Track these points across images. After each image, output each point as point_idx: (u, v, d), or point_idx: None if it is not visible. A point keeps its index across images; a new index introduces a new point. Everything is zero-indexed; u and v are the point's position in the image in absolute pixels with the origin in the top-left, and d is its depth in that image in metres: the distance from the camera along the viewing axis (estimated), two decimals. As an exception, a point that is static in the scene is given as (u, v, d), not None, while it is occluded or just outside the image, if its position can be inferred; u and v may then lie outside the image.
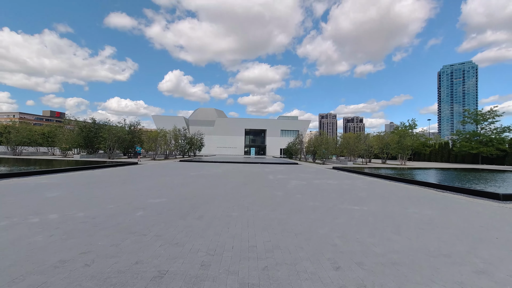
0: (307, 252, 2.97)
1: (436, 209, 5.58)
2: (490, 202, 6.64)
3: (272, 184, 9.40)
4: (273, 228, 3.89)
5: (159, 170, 14.19)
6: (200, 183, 9.15)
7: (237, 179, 10.77)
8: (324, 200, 6.39)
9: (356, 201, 6.36)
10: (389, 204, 6.01)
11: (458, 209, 5.65)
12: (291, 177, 12.10)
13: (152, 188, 7.64)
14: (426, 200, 6.69)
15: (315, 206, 5.63)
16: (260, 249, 3.04)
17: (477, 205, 6.15)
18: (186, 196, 6.40)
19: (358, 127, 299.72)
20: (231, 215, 4.65)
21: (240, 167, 18.11)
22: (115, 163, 18.22)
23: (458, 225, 4.34)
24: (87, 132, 29.08)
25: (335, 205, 5.80)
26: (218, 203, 5.71)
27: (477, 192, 7.61)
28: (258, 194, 7.08)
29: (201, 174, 12.55)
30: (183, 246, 3.06)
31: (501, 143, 34.41)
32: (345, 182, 10.40)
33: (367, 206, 5.77)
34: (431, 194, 7.78)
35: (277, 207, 5.39)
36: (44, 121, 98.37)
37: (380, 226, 4.12)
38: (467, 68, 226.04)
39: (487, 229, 4.09)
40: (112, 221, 4.02)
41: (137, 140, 30.53)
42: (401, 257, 2.88)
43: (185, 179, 10.30)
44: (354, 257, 2.87)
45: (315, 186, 9.08)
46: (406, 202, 6.40)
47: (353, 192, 7.88)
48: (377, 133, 37.62)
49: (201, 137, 46.25)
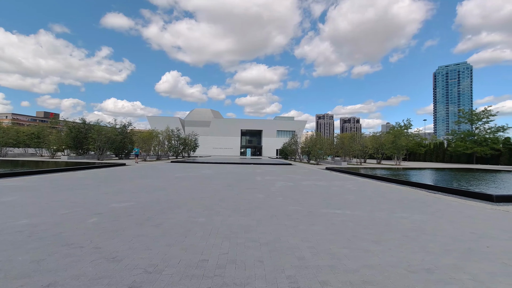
0: (266, 268, 2.50)
1: (426, 213, 5.15)
2: (483, 204, 6.24)
3: (258, 185, 8.93)
4: (237, 237, 3.42)
5: (145, 172, 13.65)
6: (182, 185, 8.66)
7: (223, 180, 10.29)
8: (307, 203, 5.94)
9: (341, 204, 5.91)
10: (376, 208, 5.58)
11: (449, 213, 5.23)
12: (280, 178, 11.64)
13: (126, 191, 7.13)
14: (417, 203, 6.27)
15: (294, 210, 5.17)
16: (211, 264, 2.57)
17: (469, 208, 5.74)
18: (159, 200, 5.90)
19: (355, 128, 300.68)
20: (196, 221, 4.17)
21: (231, 168, 17.62)
22: (102, 164, 17.64)
23: (447, 232, 3.91)
24: (76, 133, 28.41)
25: (317, 209, 5.34)
26: (190, 207, 5.23)
27: (470, 194, 7.21)
28: (238, 197, 6.61)
29: (187, 175, 12.04)
30: (120, 261, 2.58)
31: (495, 142, 34.32)
32: (334, 184, 9.97)
33: (352, 210, 5.33)
34: (423, 196, 7.37)
35: (252, 212, 4.92)
36: (37, 122, 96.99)
37: (360, 234, 3.67)
38: (462, 69, 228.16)
39: (478, 236, 3.66)
40: (54, 230, 3.52)
41: (128, 141, 29.87)
42: (375, 273, 2.43)
43: (168, 181, 9.80)
44: (319, 274, 2.41)
45: (302, 188, 8.63)
46: (396, 205, 5.97)
47: (340, 194, 7.44)
48: (372, 133, 37.40)
49: (195, 138, 45.73)
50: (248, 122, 75.90)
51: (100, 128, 26.19)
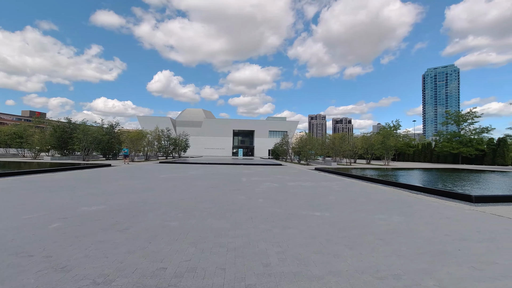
0: (226, 277, 2.36)
1: (405, 215, 5.12)
2: (463, 205, 6.28)
3: (242, 187, 8.78)
4: (206, 242, 3.26)
5: (130, 173, 13.29)
6: (163, 187, 8.42)
7: (208, 181, 10.09)
8: (288, 205, 5.83)
9: (323, 206, 5.83)
10: (357, 209, 5.52)
11: (428, 214, 5.21)
12: (267, 179, 11.52)
13: (103, 193, 6.86)
14: (398, 204, 6.25)
15: (273, 213, 5.04)
16: (168, 272, 2.41)
17: (448, 209, 5.75)
18: (134, 202, 5.68)
19: (347, 128, 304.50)
20: (168, 225, 3.99)
21: (220, 169, 17.40)
22: (87, 165, 17.13)
23: (423, 234, 3.86)
24: (61, 133, 27.59)
25: (297, 211, 5.24)
26: (165, 210, 5.04)
27: (451, 194, 7.27)
28: (219, 199, 6.44)
29: (173, 176, 11.78)
30: (69, 271, 2.38)
31: (479, 143, 35.27)
32: (321, 184, 9.92)
33: (332, 212, 5.25)
34: (405, 197, 7.39)
35: (229, 215, 4.77)
36: (23, 121, 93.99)
37: (335, 238, 3.58)
38: (450, 71, 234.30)
39: (452, 239, 3.62)
40: (7, 236, 3.28)
41: (116, 141, 29.19)
42: (339, 280, 2.32)
43: (151, 182, 9.53)
44: (281, 282, 2.28)
45: (286, 189, 8.53)
46: (377, 206, 5.93)
47: (325, 195, 7.37)
48: (362, 134, 37.83)
49: (186, 138, 45.20)
50: (240, 122, 75.62)
51: (86, 127, 25.47)
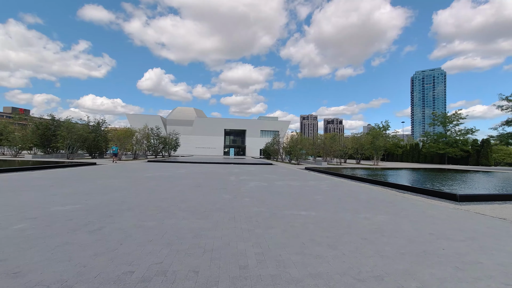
0: (198, 280, 2.19)
1: (390, 214, 5.08)
2: (447, 203, 6.33)
3: (229, 186, 8.60)
4: (182, 243, 3.07)
5: (113, 172, 12.87)
6: (147, 186, 8.14)
7: (193, 180, 9.85)
8: (273, 204, 5.70)
9: (308, 205, 5.73)
10: (343, 209, 5.44)
11: (413, 213, 5.19)
12: (255, 178, 11.38)
13: (80, 192, 6.53)
14: (384, 203, 6.23)
15: (257, 212, 4.90)
16: (135, 277, 2.21)
17: (433, 208, 5.77)
18: (112, 202, 5.41)
19: (338, 129, 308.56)
20: (143, 225, 3.77)
21: (208, 168, 17.14)
22: (70, 163, 16.50)
23: (407, 233, 3.80)
24: (44, 130, 26.56)
25: (281, 211, 5.11)
26: (144, 209, 4.80)
27: (436, 193, 7.33)
28: (202, 198, 6.24)
29: (157, 175, 11.46)
30: (23, 276, 2.16)
31: (465, 144, 36.36)
32: (309, 184, 9.86)
33: (317, 211, 5.15)
34: (392, 196, 7.40)
35: (211, 214, 4.59)
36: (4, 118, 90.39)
37: (318, 238, 3.46)
38: (437, 74, 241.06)
39: (436, 238, 3.57)
40: (-38, 239, 2.99)
41: (102, 139, 28.37)
42: (319, 283, 2.19)
43: (134, 181, 9.21)
44: (257, 286, 2.13)
45: (274, 188, 8.41)
46: (363, 205, 5.88)
47: (311, 195, 7.29)
48: (352, 134, 38.31)
49: (176, 137, 44.51)
50: (232, 122, 75.21)
51: (71, 125, 24.59)
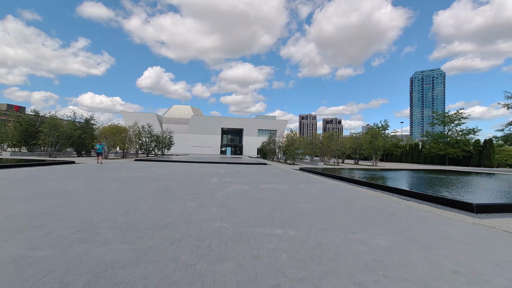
0: None
1: (394, 233, 3.86)
2: (463, 216, 5.13)
3: (203, 190, 7.36)
4: (48, 304, 1.84)
5: (82, 172, 11.61)
6: (103, 190, 6.89)
7: (165, 183, 8.60)
8: (244, 217, 4.47)
9: (289, 218, 4.51)
10: (331, 224, 4.22)
11: (423, 232, 3.98)
12: (239, 180, 10.15)
13: (4, 198, 5.28)
14: (384, 215, 5.01)
15: (216, 230, 3.67)
16: None
17: (447, 222, 4.56)
18: (31, 213, 4.16)
19: (337, 128, 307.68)
20: (30, 256, 2.53)
21: (194, 168, 15.89)
22: (44, 162, 15.24)
23: (420, 270, 2.58)
24: (27, 126, 25.23)
25: (251, 227, 3.88)
26: (60, 225, 3.55)
27: (447, 201, 6.11)
28: (157, 207, 4.99)
29: (129, 176, 10.21)
30: None
31: (466, 144, 35.26)
32: (298, 188, 8.64)
33: (298, 229, 3.92)
34: (393, 204, 6.20)
35: (146, 236, 3.34)
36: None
37: (287, 283, 2.24)
38: (436, 75, 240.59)
39: (465, 279, 2.34)
40: None
41: (89, 136, 27.05)
42: None
43: (93, 184, 7.97)
44: None
45: (255, 193, 7.18)
46: (358, 218, 4.66)
47: (297, 202, 6.07)
48: (351, 133, 37.14)
49: (170, 135, 43.22)
50: (229, 120, 73.88)
51: (53, 121, 23.24)
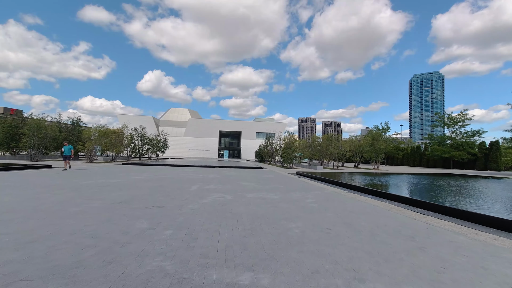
0: None
1: (424, 279, 2.50)
2: (508, 240, 3.77)
3: (171, 202, 5.98)
4: None
5: (48, 179, 10.24)
6: (45, 202, 5.52)
7: (132, 192, 7.22)
8: (203, 248, 3.09)
9: (268, 249, 3.14)
10: (328, 262, 2.86)
11: (462, 272, 2.61)
12: (224, 188, 8.78)
13: None
14: (401, 241, 3.65)
15: (151, 274, 2.30)
16: None
17: (495, 255, 3.19)
18: None
19: (337, 132, 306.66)
20: None
21: (180, 173, 14.51)
22: (16, 166, 13.88)
23: None
24: (9, 129, 23.90)
25: (205, 268, 2.51)
26: None
27: (479, 218, 4.75)
28: (85, 230, 3.62)
29: (99, 183, 8.85)
30: None
31: (471, 147, 33.92)
32: (291, 197, 7.27)
33: (276, 272, 2.54)
34: (409, 221, 4.83)
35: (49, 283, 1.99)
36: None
37: None
38: (435, 78, 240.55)
39: None
40: None
41: (75, 138, 25.70)
42: None
43: (41, 194, 6.61)
44: None
45: (236, 205, 5.81)
46: (366, 250, 3.30)
47: (286, 218, 4.70)
48: (350, 136, 35.86)
49: (164, 138, 41.85)
50: (227, 123, 72.61)
51: (36, 122, 21.91)
